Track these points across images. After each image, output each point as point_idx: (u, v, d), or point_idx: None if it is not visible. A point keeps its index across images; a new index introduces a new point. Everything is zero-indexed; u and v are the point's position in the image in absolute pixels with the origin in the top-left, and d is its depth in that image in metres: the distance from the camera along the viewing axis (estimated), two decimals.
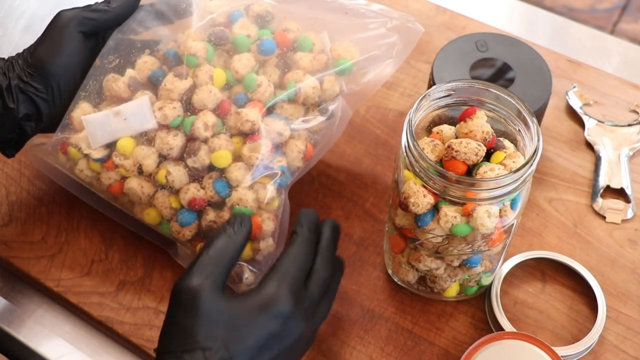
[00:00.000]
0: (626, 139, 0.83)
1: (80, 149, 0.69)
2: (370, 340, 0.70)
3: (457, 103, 0.62)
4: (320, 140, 0.72)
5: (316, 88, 0.70)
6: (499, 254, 0.67)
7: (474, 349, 0.63)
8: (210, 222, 0.67)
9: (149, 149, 0.68)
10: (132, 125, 0.68)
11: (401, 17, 0.74)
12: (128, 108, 0.68)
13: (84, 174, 0.70)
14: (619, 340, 0.70)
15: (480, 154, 0.59)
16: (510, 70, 0.78)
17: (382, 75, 0.73)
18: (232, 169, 0.67)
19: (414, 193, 0.59)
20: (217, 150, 0.67)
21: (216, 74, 0.68)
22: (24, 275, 0.74)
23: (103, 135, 0.68)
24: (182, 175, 0.67)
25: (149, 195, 0.68)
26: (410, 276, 0.69)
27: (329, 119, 0.71)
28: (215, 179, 0.67)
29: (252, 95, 0.69)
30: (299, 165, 0.69)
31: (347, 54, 0.71)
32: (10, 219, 0.77)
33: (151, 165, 0.67)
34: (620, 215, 0.77)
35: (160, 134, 0.67)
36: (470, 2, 1.00)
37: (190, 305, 0.56)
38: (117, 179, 0.69)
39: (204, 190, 0.67)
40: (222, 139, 0.67)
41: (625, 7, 1.87)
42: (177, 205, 0.68)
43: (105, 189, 0.70)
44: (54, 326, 0.72)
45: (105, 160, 0.69)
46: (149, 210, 0.69)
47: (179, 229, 0.68)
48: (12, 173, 0.80)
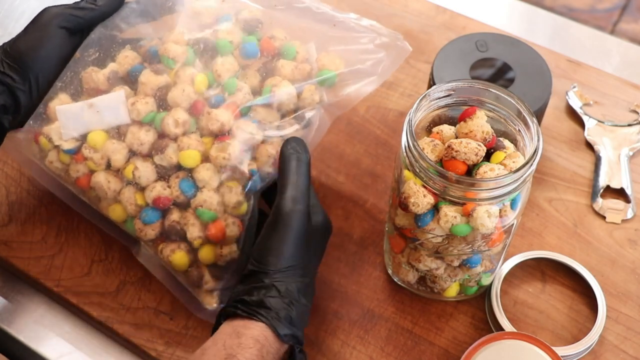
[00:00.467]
0: (626, 139, 0.83)
1: (51, 139, 0.68)
2: (370, 340, 0.70)
3: (457, 103, 0.62)
4: None
5: (291, 95, 0.68)
6: (499, 254, 0.67)
7: (474, 349, 0.63)
8: (173, 222, 0.66)
9: (119, 144, 0.67)
10: (105, 119, 0.68)
11: (390, 34, 0.73)
12: (103, 101, 0.68)
13: (53, 165, 0.69)
14: (619, 340, 0.70)
15: (480, 154, 0.59)
16: (510, 70, 0.78)
17: (364, 90, 0.72)
18: (200, 169, 0.66)
19: (414, 193, 0.59)
20: (186, 150, 0.66)
21: (198, 78, 0.68)
22: (24, 275, 0.74)
23: (75, 127, 0.68)
24: (149, 172, 0.66)
25: (115, 191, 0.67)
26: (410, 276, 0.69)
27: (305, 127, 0.70)
28: (182, 178, 0.66)
29: (229, 98, 0.68)
30: (269, 171, 0.68)
31: (332, 65, 0.71)
32: (10, 219, 0.77)
33: (120, 160, 0.67)
34: (620, 215, 0.77)
35: (132, 129, 0.67)
36: (470, 2, 1.00)
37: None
38: (85, 172, 0.68)
39: (170, 189, 0.66)
40: (193, 139, 0.66)
41: (625, 7, 1.87)
42: (143, 202, 0.67)
43: (73, 182, 0.69)
44: (54, 326, 0.72)
45: (76, 152, 0.68)
46: (114, 206, 0.68)
47: (142, 227, 0.67)
48: (12, 173, 0.80)
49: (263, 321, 0.59)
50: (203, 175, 0.66)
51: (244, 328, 0.58)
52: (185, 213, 0.67)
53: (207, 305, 0.68)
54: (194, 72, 0.68)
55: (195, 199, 0.66)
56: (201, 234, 0.66)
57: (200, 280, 0.67)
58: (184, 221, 0.66)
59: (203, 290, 0.68)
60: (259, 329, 0.58)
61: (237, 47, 0.70)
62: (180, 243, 0.67)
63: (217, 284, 0.67)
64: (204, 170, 0.66)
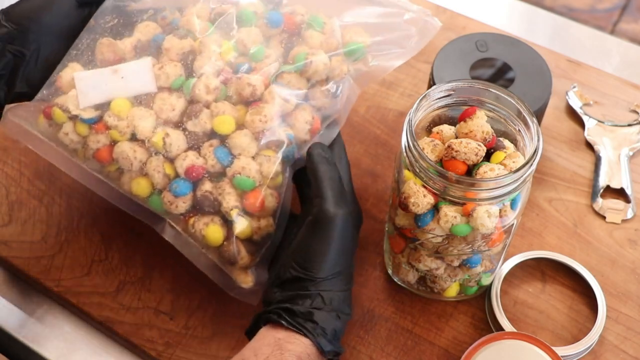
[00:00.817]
0: (626, 139, 0.83)
1: (67, 109, 0.64)
2: (370, 340, 0.70)
3: (457, 103, 0.62)
4: (327, 117, 0.68)
5: (327, 65, 0.66)
6: (499, 254, 0.67)
7: (474, 349, 0.63)
8: (206, 193, 0.62)
9: (147, 111, 0.63)
10: (130, 85, 0.64)
11: (418, 10, 0.71)
12: (128, 67, 0.64)
13: (68, 137, 0.65)
14: (619, 340, 0.70)
15: (480, 154, 0.59)
16: (510, 70, 0.78)
17: (394, 62, 0.69)
18: (236, 135, 0.63)
19: (414, 193, 0.59)
20: (220, 115, 0.63)
21: (225, 46, 0.65)
22: (24, 275, 0.74)
23: (96, 94, 0.63)
24: (181, 139, 0.63)
25: (141, 161, 0.63)
26: (410, 276, 0.69)
27: (335, 97, 0.67)
28: (216, 146, 0.63)
29: (256, 66, 0.65)
30: (306, 139, 0.65)
31: (359, 37, 0.68)
32: (10, 219, 0.77)
33: (147, 128, 0.63)
34: (620, 215, 0.77)
35: (162, 95, 0.64)
36: (470, 2, 1.00)
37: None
38: (106, 144, 0.64)
39: (204, 158, 0.63)
40: (226, 105, 0.63)
41: (625, 7, 1.86)
42: (172, 172, 0.63)
43: (91, 155, 0.64)
44: (54, 326, 0.72)
45: (96, 122, 0.64)
46: (138, 180, 0.63)
47: (172, 199, 0.62)
48: (12, 173, 0.80)
49: (309, 338, 0.56)
50: (240, 142, 0.62)
51: (288, 342, 0.56)
52: (219, 183, 0.63)
53: (243, 283, 0.64)
54: (219, 39, 0.65)
55: (232, 167, 0.62)
56: (238, 203, 0.62)
57: (235, 256, 0.62)
58: (218, 191, 0.62)
59: (237, 267, 0.64)
60: (303, 346, 0.56)
61: (261, 18, 0.67)
62: (213, 216, 0.63)
63: (253, 260, 0.64)
64: (242, 136, 0.62)
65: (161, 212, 0.64)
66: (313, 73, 0.66)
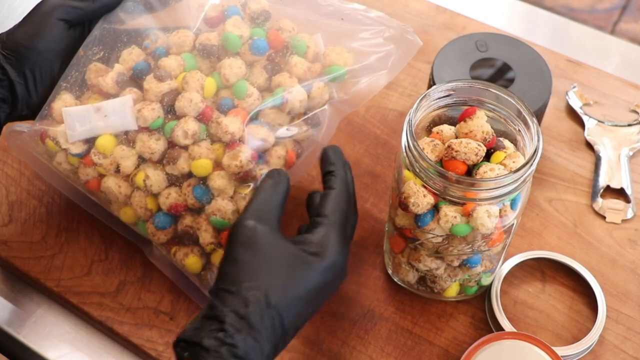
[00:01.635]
0: (626, 139, 0.83)
1: (58, 142, 0.67)
2: (370, 340, 0.70)
3: (457, 103, 0.62)
4: (305, 149, 0.70)
5: (303, 101, 0.68)
6: (499, 254, 0.67)
7: (474, 349, 0.63)
8: (186, 227, 0.66)
9: (129, 150, 0.66)
10: (112, 124, 0.66)
11: (399, 27, 0.71)
12: (110, 105, 0.67)
13: (62, 166, 0.69)
14: (619, 340, 0.70)
15: (480, 154, 0.59)
16: (510, 70, 0.78)
17: (375, 85, 0.70)
18: (214, 177, 0.65)
19: (414, 193, 0.59)
20: (197, 159, 0.65)
21: (207, 82, 0.67)
22: (24, 275, 0.74)
23: (82, 130, 0.66)
24: (161, 179, 0.66)
25: (126, 195, 0.67)
26: (410, 276, 0.69)
27: (314, 127, 0.69)
28: (195, 185, 0.66)
29: (238, 103, 0.67)
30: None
31: (341, 59, 0.70)
32: (10, 219, 0.77)
33: (129, 167, 0.66)
34: (620, 215, 0.77)
35: (142, 137, 0.66)
36: (470, 2, 1.00)
37: (250, 242, 0.57)
38: (95, 176, 0.68)
39: (184, 196, 0.66)
40: (203, 147, 0.65)
41: (625, 7, 1.86)
42: (154, 207, 0.67)
43: (83, 184, 0.69)
44: (54, 326, 0.72)
45: (84, 156, 0.67)
46: (125, 209, 0.68)
47: (155, 231, 0.67)
48: (12, 173, 0.80)
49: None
50: (218, 184, 0.65)
51: None
52: (198, 218, 0.66)
53: None
54: (201, 78, 0.67)
55: (209, 206, 0.65)
56: (213, 240, 0.65)
57: (212, 281, 0.66)
58: (197, 226, 0.66)
59: None
60: None
61: (246, 42, 0.68)
62: (193, 247, 0.67)
63: None
64: (219, 179, 0.65)
65: (148, 238, 0.69)
66: (291, 109, 0.68)
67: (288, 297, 0.56)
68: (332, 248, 0.59)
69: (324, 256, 0.58)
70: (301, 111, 0.69)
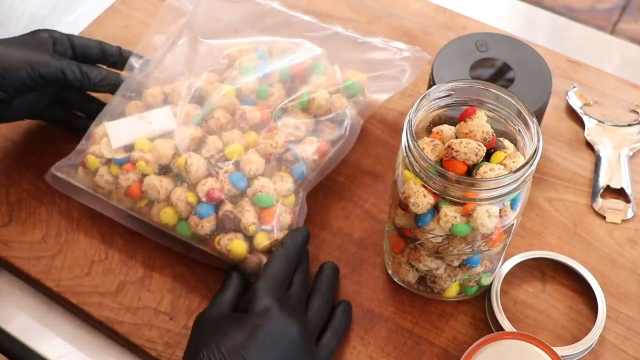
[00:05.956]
0: (626, 139, 0.83)
1: (101, 154, 0.72)
2: (370, 340, 0.70)
3: (457, 103, 0.62)
4: (334, 142, 0.75)
5: (328, 99, 0.74)
6: (499, 254, 0.67)
7: (474, 349, 0.63)
8: (227, 212, 0.68)
9: (167, 142, 0.71)
10: (155, 127, 0.73)
11: (410, 49, 0.80)
12: (151, 113, 0.74)
13: (103, 179, 0.72)
14: (619, 340, 0.70)
15: (480, 154, 0.59)
16: (510, 70, 0.78)
17: (388, 93, 0.80)
18: (248, 160, 0.70)
19: (414, 193, 0.59)
20: (230, 144, 0.71)
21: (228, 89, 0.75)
22: (23, 275, 0.74)
23: (125, 137, 0.73)
24: (200, 163, 0.70)
25: (167, 190, 0.70)
26: (410, 276, 0.69)
27: (340, 126, 0.75)
28: (231, 172, 0.69)
29: (261, 103, 0.74)
30: (315, 159, 0.72)
31: (356, 77, 0.77)
32: (10, 219, 0.77)
33: (170, 153, 0.71)
34: (620, 215, 0.77)
35: (181, 128, 0.72)
36: (470, 2, 1.00)
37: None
38: (136, 180, 0.71)
39: (221, 183, 0.69)
40: (235, 133, 0.72)
41: (625, 7, 1.86)
42: (194, 200, 0.69)
43: (123, 192, 0.72)
44: (54, 326, 0.72)
45: (126, 162, 0.72)
46: (165, 210, 0.70)
47: (198, 221, 0.69)
48: (12, 173, 0.80)
49: None
50: (251, 167, 0.70)
51: None
52: (238, 203, 0.69)
53: None
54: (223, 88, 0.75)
55: (252, 186, 0.69)
56: (255, 220, 0.68)
57: (259, 266, 0.68)
58: (238, 209, 0.69)
59: None
60: None
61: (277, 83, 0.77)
62: (236, 233, 0.69)
63: None
64: (252, 161, 0.70)
65: (188, 238, 0.71)
66: (317, 108, 0.74)
67: (230, 350, 0.58)
68: (259, 297, 0.62)
69: (252, 304, 0.62)
70: (325, 110, 0.75)
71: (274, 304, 0.62)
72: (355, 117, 0.77)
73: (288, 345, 0.61)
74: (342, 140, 0.76)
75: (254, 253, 0.68)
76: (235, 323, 0.61)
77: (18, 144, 0.83)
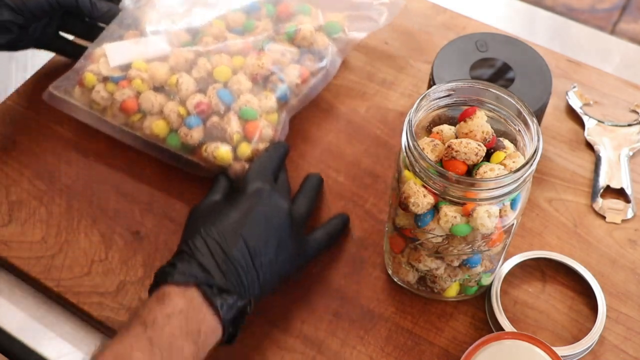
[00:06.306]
0: (626, 139, 0.83)
1: (99, 72, 0.79)
2: (370, 340, 0.70)
3: (457, 103, 0.62)
4: (314, 73, 0.82)
5: (312, 32, 0.82)
6: (499, 254, 0.67)
7: (474, 349, 0.63)
8: (213, 122, 0.76)
9: (162, 64, 0.78)
10: (150, 49, 0.80)
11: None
12: (148, 39, 0.81)
13: (99, 95, 0.78)
14: (619, 340, 0.70)
15: (480, 154, 0.59)
16: (510, 70, 0.78)
17: (366, 32, 0.86)
18: (236, 78, 0.77)
19: (414, 193, 0.59)
20: (218, 67, 0.78)
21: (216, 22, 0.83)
22: (24, 275, 0.74)
23: (122, 58, 0.79)
24: (190, 82, 0.77)
25: (160, 104, 0.77)
26: (410, 276, 0.69)
27: (321, 59, 0.83)
28: (219, 89, 0.76)
29: (248, 34, 0.82)
30: (298, 83, 0.80)
31: (337, 18, 0.85)
32: (10, 219, 0.77)
33: (164, 74, 0.78)
34: (620, 215, 0.77)
35: (174, 50, 0.79)
36: (470, 2, 1.00)
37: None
38: (131, 95, 0.77)
39: (209, 98, 0.76)
40: (223, 57, 0.79)
41: (625, 7, 1.86)
42: (184, 112, 0.76)
43: (118, 107, 0.78)
44: (54, 326, 0.72)
45: (122, 80, 0.78)
46: (158, 122, 0.77)
47: (187, 131, 0.75)
48: (12, 173, 0.80)
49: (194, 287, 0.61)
50: (238, 87, 0.77)
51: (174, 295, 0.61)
52: (225, 116, 0.76)
53: None
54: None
55: (238, 101, 0.76)
56: (239, 129, 0.75)
57: (243, 172, 0.74)
58: (224, 120, 0.76)
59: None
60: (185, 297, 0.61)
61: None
62: (222, 142, 0.75)
63: None
64: (240, 81, 0.77)
65: (178, 149, 0.77)
66: (301, 39, 0.82)
67: (226, 227, 0.64)
68: (251, 181, 0.69)
69: (244, 188, 0.69)
70: (310, 43, 0.82)
71: (265, 184, 0.69)
72: (335, 53, 0.84)
73: (279, 222, 0.67)
74: (323, 72, 0.82)
75: (238, 160, 0.75)
76: (230, 205, 0.67)
77: (18, 144, 0.83)
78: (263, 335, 0.69)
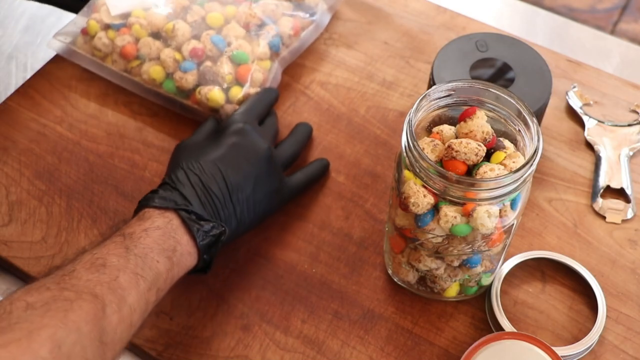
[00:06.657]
0: (626, 139, 0.83)
1: (101, 20, 0.84)
2: (370, 340, 0.70)
3: (457, 103, 0.62)
4: (303, 30, 0.88)
5: None
6: (499, 254, 0.67)
7: (474, 349, 0.63)
8: (207, 66, 0.80)
9: (159, 12, 0.83)
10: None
11: None
12: None
13: (101, 41, 0.84)
14: (619, 340, 0.70)
15: (480, 154, 0.59)
16: (510, 70, 0.78)
17: None
18: (229, 26, 0.82)
19: (414, 193, 0.59)
20: (211, 12, 0.83)
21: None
22: (24, 275, 0.74)
23: (123, 6, 0.85)
24: (186, 28, 0.82)
25: (158, 49, 0.82)
26: (410, 276, 0.69)
27: (312, 15, 0.88)
28: (212, 35, 0.81)
29: None
30: (290, 34, 0.86)
31: None
32: (10, 219, 0.77)
33: (162, 21, 0.83)
34: (620, 215, 0.77)
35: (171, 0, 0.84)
36: (470, 2, 1.00)
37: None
38: (130, 41, 0.83)
39: (203, 44, 0.81)
40: (216, 5, 0.84)
41: (625, 7, 1.87)
42: (180, 58, 0.81)
43: (118, 53, 0.83)
44: None
45: (122, 27, 0.83)
46: (155, 67, 0.82)
47: (182, 75, 0.80)
48: (12, 173, 0.80)
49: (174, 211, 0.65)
50: (232, 33, 0.82)
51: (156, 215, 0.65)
52: (218, 61, 0.81)
53: None
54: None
55: (230, 46, 0.81)
56: (232, 71, 0.81)
57: (234, 113, 0.77)
58: (217, 64, 0.81)
59: None
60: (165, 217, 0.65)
61: None
62: (214, 85, 0.80)
63: None
64: (233, 28, 0.82)
65: (173, 93, 0.82)
66: None
67: (207, 161, 0.68)
68: (235, 121, 0.74)
69: (227, 126, 0.73)
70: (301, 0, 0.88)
71: (247, 125, 0.73)
72: (325, 10, 0.90)
73: (257, 160, 0.70)
74: (312, 26, 0.88)
75: (230, 103, 0.80)
76: (212, 141, 0.72)
77: (18, 144, 0.83)
78: (263, 335, 0.69)
